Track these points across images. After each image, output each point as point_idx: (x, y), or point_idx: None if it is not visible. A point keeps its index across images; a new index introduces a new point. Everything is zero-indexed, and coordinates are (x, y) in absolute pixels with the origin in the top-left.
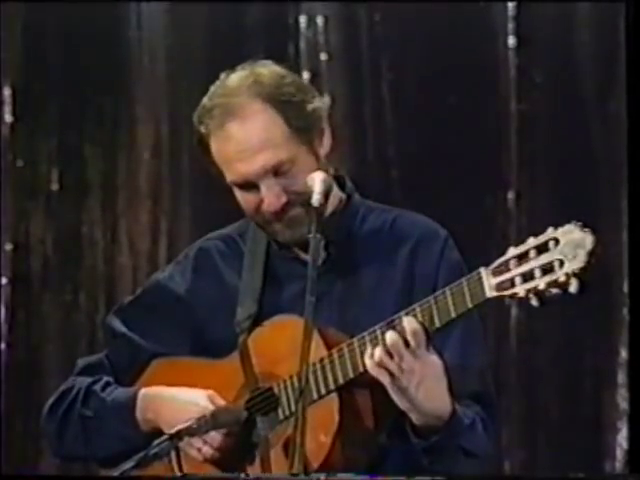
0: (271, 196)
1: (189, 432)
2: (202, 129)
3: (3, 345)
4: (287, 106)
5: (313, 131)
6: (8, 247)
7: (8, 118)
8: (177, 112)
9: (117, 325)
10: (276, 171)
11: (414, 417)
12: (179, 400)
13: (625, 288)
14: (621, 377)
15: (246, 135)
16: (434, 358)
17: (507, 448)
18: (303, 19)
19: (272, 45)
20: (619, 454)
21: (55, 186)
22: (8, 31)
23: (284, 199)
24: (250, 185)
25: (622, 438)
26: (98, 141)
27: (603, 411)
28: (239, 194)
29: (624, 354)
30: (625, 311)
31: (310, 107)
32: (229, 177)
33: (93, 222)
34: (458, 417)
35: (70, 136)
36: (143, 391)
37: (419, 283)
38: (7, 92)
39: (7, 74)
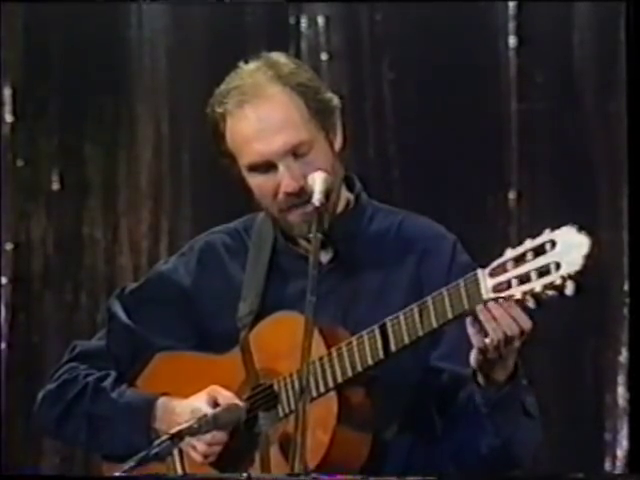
0: (289, 177)
1: (190, 432)
2: (219, 110)
3: (3, 345)
4: (305, 89)
5: (329, 120)
6: (8, 247)
7: (8, 118)
8: (178, 112)
9: (120, 314)
10: (295, 152)
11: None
12: (184, 408)
13: (625, 288)
14: (621, 377)
15: (266, 114)
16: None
17: None
18: (304, 19)
19: (273, 45)
20: (619, 454)
21: (56, 186)
22: (8, 31)
23: (302, 182)
24: (268, 166)
25: (622, 438)
26: (99, 141)
27: (603, 411)
28: (254, 180)
29: (624, 354)
30: (625, 311)
31: (326, 95)
32: (246, 159)
33: (94, 222)
34: (520, 373)
35: (71, 136)
36: (161, 401)
37: (429, 287)
38: (7, 92)
39: (7, 74)
